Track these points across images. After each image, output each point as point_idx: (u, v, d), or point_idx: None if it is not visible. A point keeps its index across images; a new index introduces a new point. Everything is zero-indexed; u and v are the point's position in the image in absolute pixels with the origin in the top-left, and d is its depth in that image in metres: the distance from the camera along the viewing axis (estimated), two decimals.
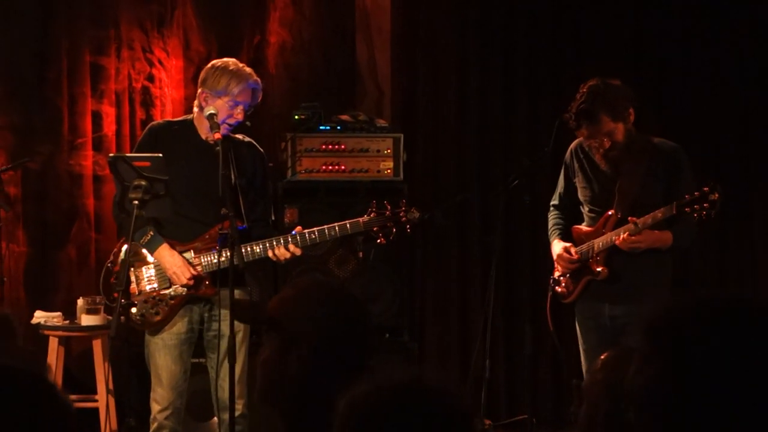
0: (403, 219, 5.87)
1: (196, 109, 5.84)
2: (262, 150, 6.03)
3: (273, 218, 6.13)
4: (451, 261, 8.07)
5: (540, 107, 8.05)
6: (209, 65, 5.87)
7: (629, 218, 5.75)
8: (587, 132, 5.82)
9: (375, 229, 5.84)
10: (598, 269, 5.94)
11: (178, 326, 5.78)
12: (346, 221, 5.84)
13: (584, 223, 6.12)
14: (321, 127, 7.41)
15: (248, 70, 5.81)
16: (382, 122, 7.59)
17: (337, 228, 5.81)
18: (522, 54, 8.10)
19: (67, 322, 7.10)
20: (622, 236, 5.75)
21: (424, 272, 8.06)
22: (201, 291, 5.75)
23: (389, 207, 5.86)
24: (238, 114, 5.71)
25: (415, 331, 7.80)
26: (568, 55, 8.13)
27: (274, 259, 5.72)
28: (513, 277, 7.97)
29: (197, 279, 5.73)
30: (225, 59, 5.88)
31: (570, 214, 6.24)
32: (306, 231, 5.76)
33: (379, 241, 5.86)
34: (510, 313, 7.97)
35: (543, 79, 8.11)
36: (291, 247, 5.68)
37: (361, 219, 5.86)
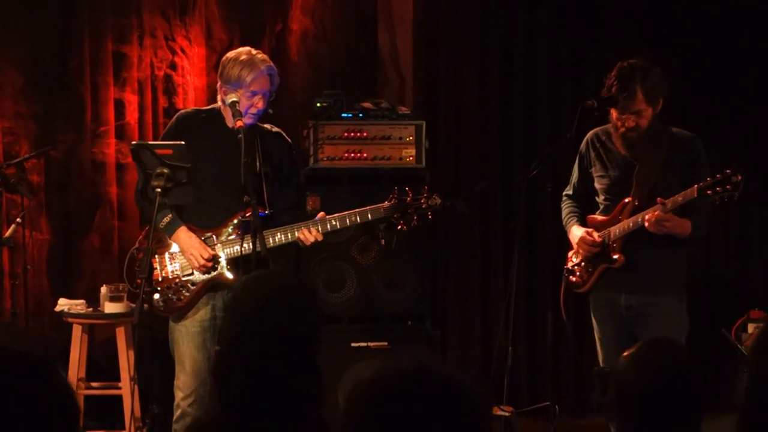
0: (424, 206, 5.86)
1: (220, 102, 5.87)
2: (289, 140, 6.03)
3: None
4: (473, 248, 8.07)
5: (562, 94, 8.03)
6: (224, 57, 5.87)
7: (658, 199, 5.72)
8: (619, 105, 5.80)
9: (396, 215, 5.84)
10: (615, 256, 5.92)
11: (201, 313, 5.80)
12: (367, 208, 5.84)
13: (598, 212, 6.11)
14: (343, 115, 7.40)
15: (260, 57, 5.78)
16: (404, 109, 7.58)
17: (358, 215, 5.81)
18: (544, 41, 8.09)
19: (91, 309, 7.13)
20: (653, 213, 5.71)
21: (447, 260, 8.06)
22: (223, 277, 5.76)
23: (410, 194, 5.86)
24: (258, 102, 5.71)
25: (437, 318, 7.80)
26: (590, 42, 8.11)
27: (301, 243, 5.73)
28: (535, 265, 7.97)
29: (215, 260, 5.74)
30: (239, 49, 5.87)
31: (583, 204, 6.23)
32: (327, 217, 5.77)
33: (399, 227, 5.86)
34: (532, 301, 7.97)
35: (565, 66, 8.10)
36: (313, 231, 5.69)
37: (382, 205, 5.85)
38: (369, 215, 5.84)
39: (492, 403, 6.88)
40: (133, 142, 6.00)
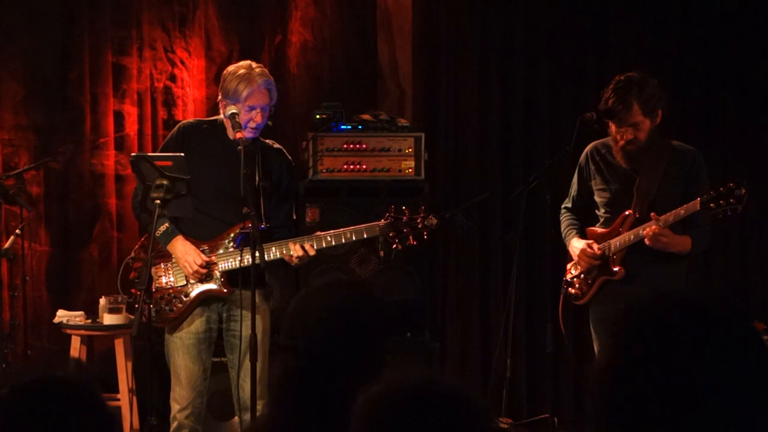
0: (420, 225, 5.85)
1: (222, 115, 5.87)
2: (290, 157, 6.03)
3: (294, 217, 6.13)
4: (473, 260, 8.07)
5: (561, 106, 8.03)
6: (224, 71, 5.87)
7: (651, 214, 5.73)
8: (616, 118, 5.80)
9: (391, 234, 5.83)
10: (615, 269, 5.92)
11: (196, 325, 5.79)
12: (362, 226, 5.83)
13: (598, 225, 6.10)
14: (342, 127, 7.41)
15: (259, 71, 5.76)
16: (403, 121, 7.59)
17: (353, 232, 5.80)
18: (544, 53, 8.09)
19: (90, 321, 7.12)
20: (650, 228, 5.71)
21: (446, 271, 8.05)
22: (216, 290, 5.75)
23: (407, 212, 5.84)
24: (257, 117, 5.70)
25: (436, 330, 7.80)
26: (590, 53, 8.11)
27: (288, 259, 5.70)
28: (534, 277, 7.96)
29: (209, 267, 5.73)
30: (239, 63, 5.86)
31: (582, 217, 6.23)
32: (322, 234, 5.75)
33: (395, 246, 5.85)
34: (531, 313, 7.96)
35: (565, 77, 8.09)
36: (306, 245, 5.67)
37: (377, 224, 5.84)
38: (364, 233, 5.83)
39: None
40: (133, 154, 6.00)
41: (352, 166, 7.38)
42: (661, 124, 5.90)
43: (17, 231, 6.99)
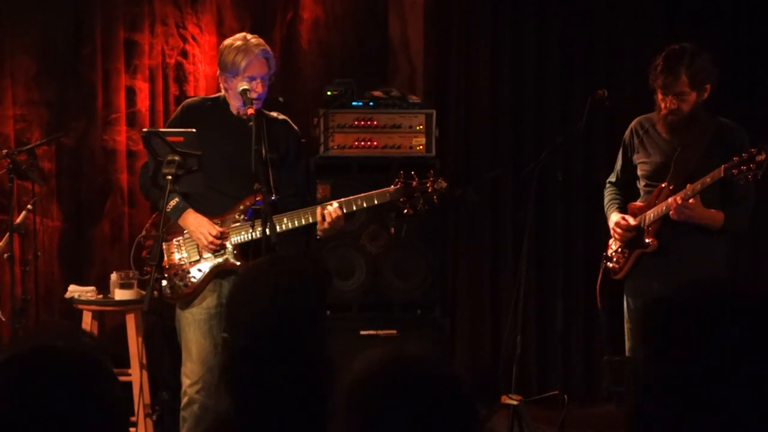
0: (430, 189, 5.85)
1: (223, 90, 5.86)
2: (296, 128, 6.02)
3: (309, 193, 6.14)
4: (484, 237, 8.08)
5: (573, 84, 8.02)
6: (221, 45, 5.87)
7: (688, 185, 5.71)
8: (662, 82, 5.77)
9: (402, 199, 5.83)
10: (648, 240, 5.90)
11: (208, 301, 5.80)
12: (373, 192, 5.84)
13: (640, 199, 6.09)
14: (353, 103, 7.41)
15: (255, 41, 5.75)
16: (414, 98, 7.59)
17: (364, 199, 5.81)
18: (555, 30, 8.08)
19: (101, 296, 7.14)
20: (676, 198, 5.71)
21: (457, 248, 8.06)
22: (230, 263, 5.77)
23: (416, 177, 5.85)
24: (257, 87, 5.69)
25: (447, 307, 7.81)
26: (601, 31, 8.09)
27: (320, 224, 5.69)
28: (545, 254, 7.97)
29: (223, 237, 5.74)
30: (235, 36, 5.85)
31: (626, 192, 6.21)
32: (333, 202, 5.76)
33: (405, 211, 5.85)
34: (542, 290, 7.97)
35: (576, 54, 8.08)
36: (335, 206, 5.69)
37: (387, 189, 5.85)
38: (375, 200, 5.83)
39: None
40: (145, 130, 6.00)
41: (363, 143, 7.38)
42: (708, 99, 5.86)
43: (29, 206, 7.01)
